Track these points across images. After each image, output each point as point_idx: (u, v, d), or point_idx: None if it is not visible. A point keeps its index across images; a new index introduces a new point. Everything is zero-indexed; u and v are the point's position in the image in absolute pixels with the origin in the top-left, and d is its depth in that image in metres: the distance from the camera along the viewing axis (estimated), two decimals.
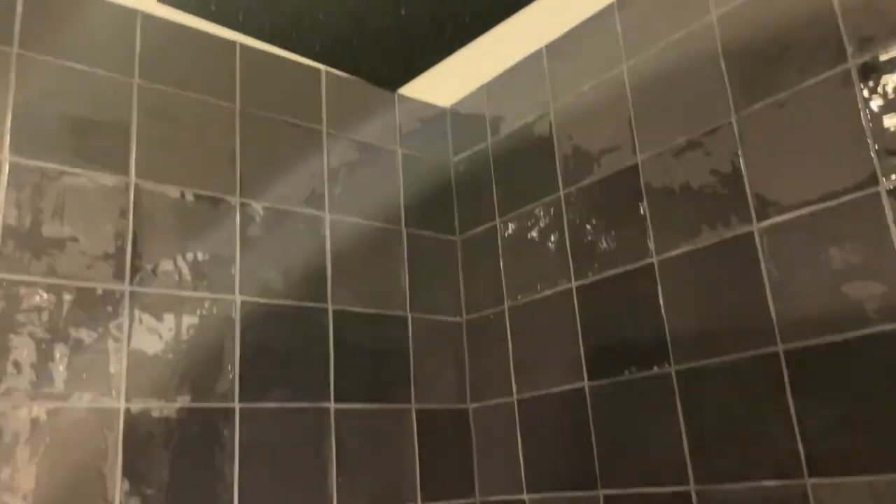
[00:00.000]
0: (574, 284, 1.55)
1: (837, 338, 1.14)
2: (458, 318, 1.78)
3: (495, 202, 1.76)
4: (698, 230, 1.35)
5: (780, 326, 1.21)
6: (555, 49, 1.67)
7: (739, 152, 1.31)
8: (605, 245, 1.51)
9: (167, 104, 1.47)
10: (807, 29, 1.25)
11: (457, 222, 1.86)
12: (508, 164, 1.75)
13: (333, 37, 0.97)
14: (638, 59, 1.50)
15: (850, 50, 1.19)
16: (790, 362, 1.20)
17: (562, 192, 1.61)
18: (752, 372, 1.24)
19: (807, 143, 1.22)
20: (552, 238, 1.61)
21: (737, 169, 1.31)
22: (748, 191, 1.29)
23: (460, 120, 1.89)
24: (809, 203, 1.21)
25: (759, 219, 1.27)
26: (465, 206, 1.84)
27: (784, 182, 1.24)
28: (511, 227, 1.71)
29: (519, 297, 1.66)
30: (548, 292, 1.60)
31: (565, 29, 1.65)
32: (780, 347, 1.21)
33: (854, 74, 1.18)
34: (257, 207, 1.53)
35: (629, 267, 1.46)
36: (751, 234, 1.28)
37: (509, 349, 1.66)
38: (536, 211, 1.66)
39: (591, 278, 1.52)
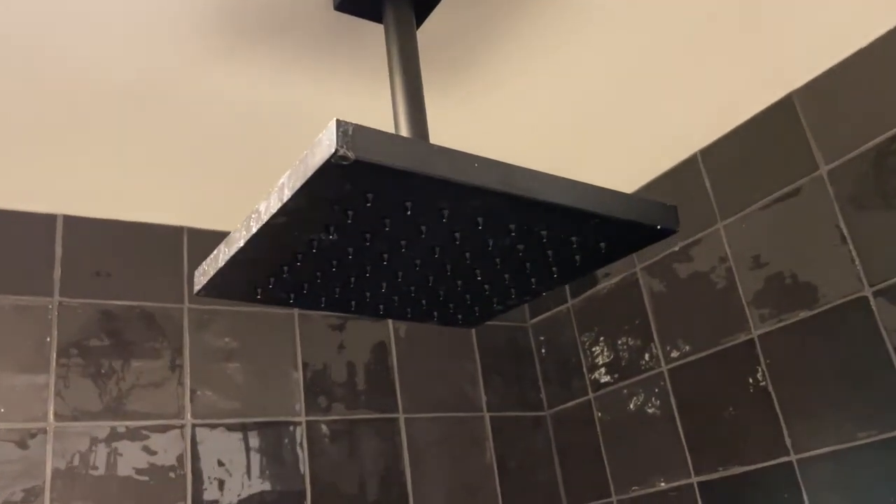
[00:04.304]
0: (695, 480, 1.33)
1: None
2: None
3: (585, 373, 1.57)
4: (840, 426, 1.13)
5: None
6: None
7: (884, 329, 1.10)
8: (725, 432, 1.29)
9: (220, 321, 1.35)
10: None
11: (543, 395, 1.66)
12: (595, 327, 1.56)
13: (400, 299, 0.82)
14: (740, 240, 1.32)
15: None
16: None
17: (665, 368, 1.41)
18: None
19: None
20: (659, 419, 1.41)
21: (885, 354, 1.09)
22: None
23: None
24: None
25: None
26: (550, 377, 1.65)
27: None
28: (608, 402, 1.51)
29: (632, 489, 1.44)
30: (663, 486, 1.38)
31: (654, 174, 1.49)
32: None
33: None
34: (325, 422, 1.37)
35: (762, 465, 1.23)
36: None
37: None
38: (634, 387, 1.46)
39: (718, 474, 1.30)
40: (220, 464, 1.26)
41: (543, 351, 1.67)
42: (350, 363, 1.45)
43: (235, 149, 1.21)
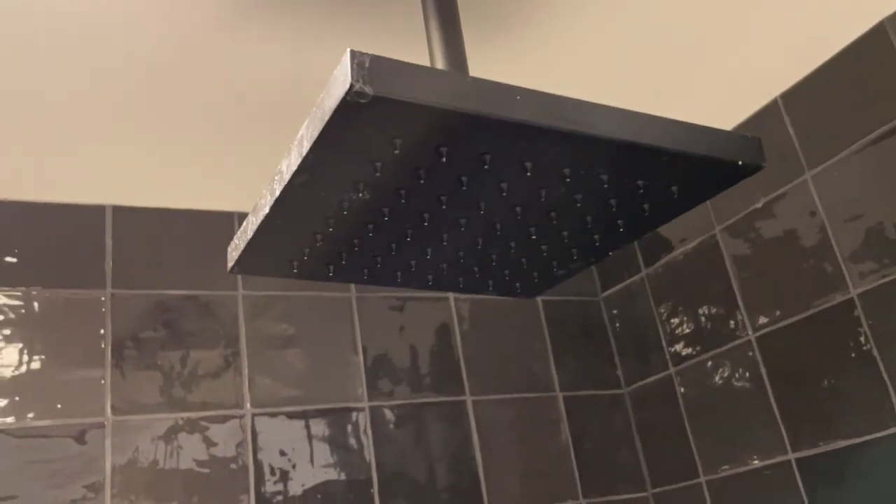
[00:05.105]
0: (793, 456, 1.21)
1: None
2: (643, 493, 1.46)
3: (664, 346, 1.45)
4: None
5: None
6: None
7: None
8: (824, 403, 1.17)
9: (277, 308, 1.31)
10: None
11: (620, 372, 1.56)
12: (673, 297, 1.45)
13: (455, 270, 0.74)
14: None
15: None
16: None
17: (752, 336, 1.29)
18: None
19: None
20: (748, 392, 1.29)
21: None
22: None
23: None
24: None
25: None
26: (626, 352, 1.55)
27: None
28: (691, 377, 1.40)
29: (721, 468, 1.33)
30: (757, 464, 1.27)
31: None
32: None
33: None
34: (388, 407, 1.31)
35: (868, 437, 1.11)
36: None
37: None
38: (719, 358, 1.34)
39: (818, 449, 1.17)
40: (283, 453, 1.22)
41: (617, 325, 1.57)
42: (412, 346, 1.39)
43: (280, 124, 1.15)
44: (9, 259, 1.17)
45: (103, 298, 1.21)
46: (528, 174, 0.58)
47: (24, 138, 1.08)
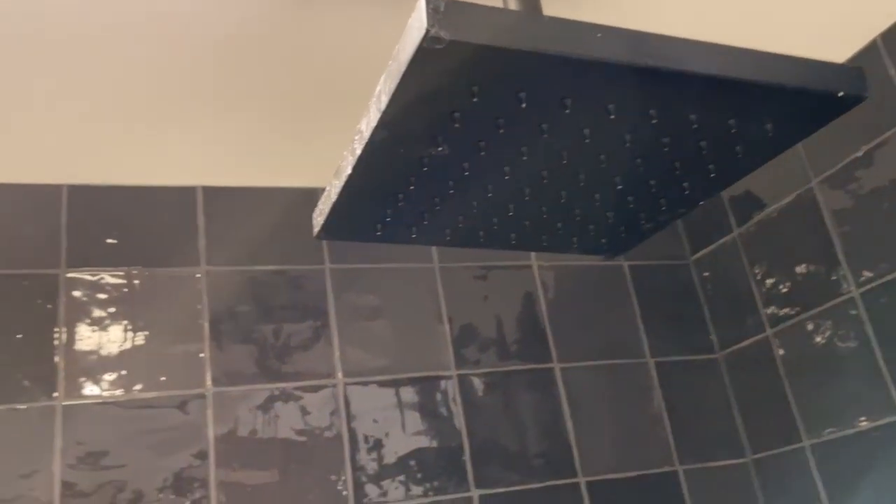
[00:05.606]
0: None
1: None
2: (743, 460, 1.42)
3: (759, 308, 1.40)
4: None
5: None
6: None
7: None
8: None
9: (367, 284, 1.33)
10: None
11: (714, 336, 1.51)
12: (768, 255, 1.39)
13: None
14: None
15: None
16: None
17: (856, 292, 1.22)
18: None
19: None
20: (853, 351, 1.22)
21: None
22: None
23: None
24: None
25: None
26: (719, 315, 1.50)
27: None
28: (790, 338, 1.34)
29: (826, 431, 1.27)
30: (865, 425, 1.21)
31: None
32: None
33: None
34: (476, 375, 1.32)
35: None
36: None
37: (822, 499, 1.28)
38: (820, 318, 1.28)
39: None
40: (375, 421, 1.24)
41: (709, 288, 1.52)
42: (497, 314, 1.38)
43: (358, 97, 1.16)
44: (110, 241, 1.23)
45: (198, 276, 1.25)
46: (612, 117, 0.56)
47: (118, 127, 1.13)
